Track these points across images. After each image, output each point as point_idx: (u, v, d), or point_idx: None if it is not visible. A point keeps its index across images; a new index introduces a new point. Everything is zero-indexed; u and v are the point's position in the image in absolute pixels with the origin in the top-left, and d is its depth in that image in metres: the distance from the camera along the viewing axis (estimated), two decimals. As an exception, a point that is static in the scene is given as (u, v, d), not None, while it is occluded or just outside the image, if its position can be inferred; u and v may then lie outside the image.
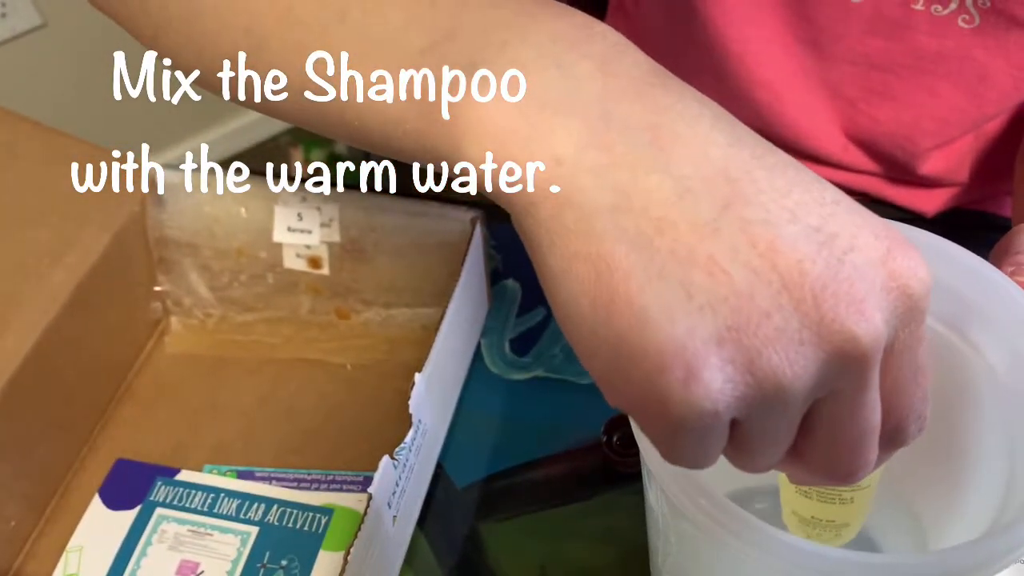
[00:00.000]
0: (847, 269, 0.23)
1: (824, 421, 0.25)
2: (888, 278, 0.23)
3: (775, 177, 0.24)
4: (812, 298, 0.22)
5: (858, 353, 0.23)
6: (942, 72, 0.54)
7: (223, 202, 0.55)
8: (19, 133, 0.54)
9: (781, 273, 0.23)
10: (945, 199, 0.65)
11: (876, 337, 0.23)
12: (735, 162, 0.24)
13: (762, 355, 0.23)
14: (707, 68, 0.58)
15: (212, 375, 0.57)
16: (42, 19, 1.48)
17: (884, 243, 0.23)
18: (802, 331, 0.23)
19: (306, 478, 0.51)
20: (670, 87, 0.25)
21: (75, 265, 0.51)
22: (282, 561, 0.48)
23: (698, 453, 0.25)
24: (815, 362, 0.23)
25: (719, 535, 0.28)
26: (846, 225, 0.23)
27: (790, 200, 0.23)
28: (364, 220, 0.54)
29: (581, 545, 0.49)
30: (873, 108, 0.58)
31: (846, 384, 0.24)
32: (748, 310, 0.23)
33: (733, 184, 0.23)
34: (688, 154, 0.24)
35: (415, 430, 0.45)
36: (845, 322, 0.22)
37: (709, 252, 0.23)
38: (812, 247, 0.23)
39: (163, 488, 0.51)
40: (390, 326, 0.57)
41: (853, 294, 0.23)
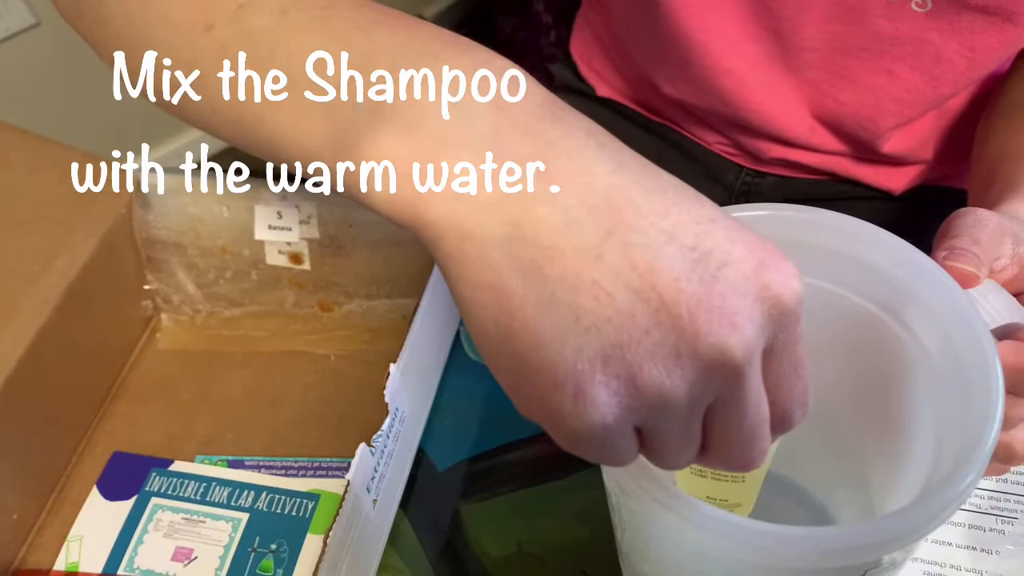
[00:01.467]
0: (720, 285, 0.25)
1: (716, 422, 0.27)
2: (761, 289, 0.25)
3: (654, 200, 0.25)
4: (688, 314, 0.24)
5: (732, 363, 0.25)
6: (899, 55, 0.55)
7: (206, 202, 0.57)
8: (7, 143, 0.56)
9: (659, 292, 0.24)
10: (911, 177, 0.67)
11: (747, 347, 0.25)
12: (617, 189, 0.25)
13: (643, 369, 0.25)
14: (672, 57, 0.60)
15: (202, 369, 0.59)
16: (35, 19, 1.49)
17: (757, 256, 0.25)
18: (679, 345, 0.24)
19: (293, 465, 0.54)
20: (560, 119, 0.27)
21: (66, 268, 0.53)
22: (271, 545, 0.50)
23: (605, 457, 0.27)
24: (693, 372, 0.25)
25: (658, 512, 0.30)
26: (720, 242, 0.25)
27: (668, 222, 0.25)
28: (341, 216, 0.56)
29: (556, 522, 0.51)
30: (836, 90, 0.59)
31: (727, 390, 0.26)
32: (630, 328, 0.24)
33: (615, 211, 0.25)
34: (574, 185, 0.25)
35: (392, 417, 0.47)
36: (719, 335, 0.24)
37: (594, 277, 0.25)
38: (687, 265, 0.25)
39: (158, 479, 0.53)
40: (371, 317, 0.59)
41: (725, 308, 0.24)
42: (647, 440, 0.27)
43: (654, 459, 0.29)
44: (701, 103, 0.63)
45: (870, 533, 0.30)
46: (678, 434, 0.27)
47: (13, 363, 0.49)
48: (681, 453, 0.28)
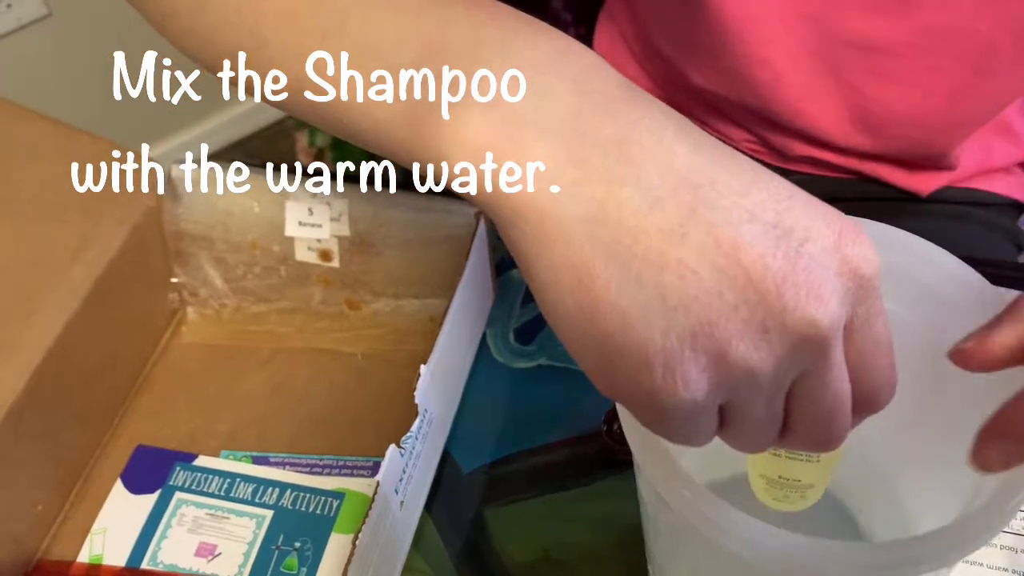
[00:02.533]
0: (804, 260, 0.25)
1: (800, 398, 0.27)
2: (841, 263, 0.25)
3: (733, 179, 0.26)
4: (775, 289, 0.25)
5: (819, 335, 0.25)
6: (945, 47, 0.54)
7: (236, 197, 0.57)
8: (40, 132, 0.56)
9: (746, 269, 0.25)
10: (943, 179, 0.66)
11: (833, 319, 0.25)
12: (698, 169, 0.26)
13: (732, 345, 0.25)
14: (704, 45, 0.59)
15: (227, 364, 0.59)
16: (47, 9, 1.50)
17: (835, 231, 0.26)
18: (767, 320, 0.25)
19: (318, 463, 0.53)
20: (638, 102, 0.27)
21: (94, 260, 0.53)
22: (296, 543, 0.50)
23: (689, 435, 0.28)
24: (780, 347, 0.25)
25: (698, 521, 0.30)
26: (800, 218, 0.25)
27: (748, 200, 0.25)
28: (372, 215, 0.55)
29: (582, 528, 0.50)
30: (879, 93, 0.58)
31: (812, 363, 0.26)
32: (717, 306, 0.25)
33: (696, 190, 0.25)
34: (654, 166, 0.26)
35: (421, 419, 0.47)
36: (806, 309, 0.25)
37: (679, 256, 0.25)
38: (771, 242, 0.25)
39: (182, 473, 0.53)
40: (399, 316, 0.59)
41: (811, 282, 0.25)
42: (730, 420, 0.28)
43: (734, 440, 0.29)
44: (731, 95, 0.62)
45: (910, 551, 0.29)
46: (761, 413, 0.27)
47: (41, 354, 0.49)
48: (763, 433, 0.28)
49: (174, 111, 1.75)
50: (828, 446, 0.29)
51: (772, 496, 0.37)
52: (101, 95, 1.62)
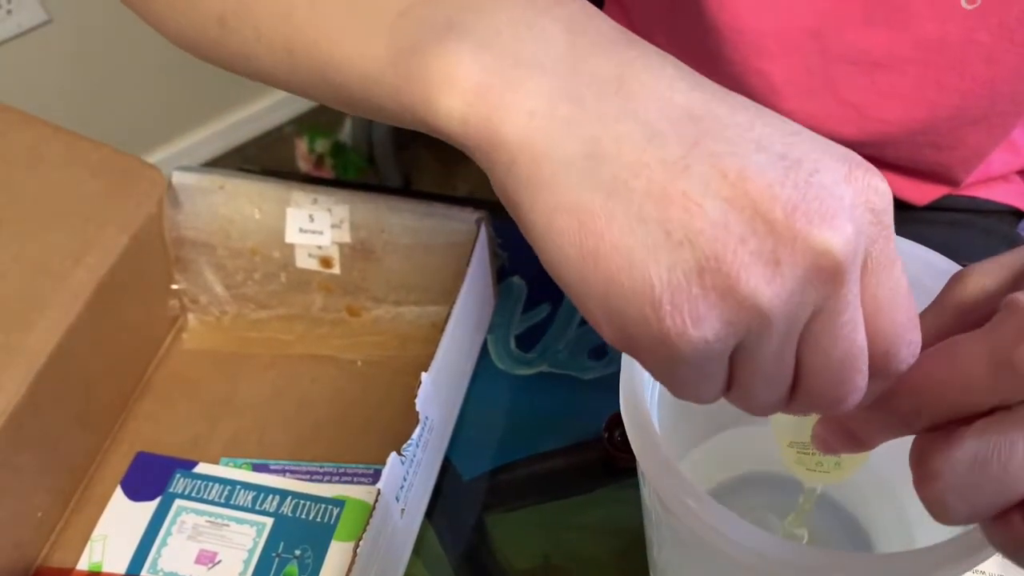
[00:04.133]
0: (815, 189, 0.24)
1: (811, 345, 0.26)
2: (854, 194, 0.25)
3: (737, 113, 0.25)
4: (785, 218, 0.24)
5: (833, 264, 0.24)
6: (945, 63, 0.53)
7: (237, 204, 0.57)
8: (41, 137, 0.56)
9: (753, 199, 0.24)
10: (942, 191, 0.65)
11: (848, 246, 0.24)
12: (698, 103, 0.25)
13: (741, 278, 0.24)
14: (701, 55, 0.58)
15: (228, 370, 0.59)
16: (47, 15, 1.50)
17: (845, 165, 0.25)
18: (777, 250, 0.24)
19: (319, 471, 0.53)
20: (634, 43, 0.27)
21: (95, 265, 0.52)
22: (296, 551, 0.50)
23: (699, 384, 0.27)
24: (792, 279, 0.24)
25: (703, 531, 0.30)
26: (808, 151, 0.25)
27: (754, 132, 0.25)
28: (373, 221, 0.55)
29: (582, 536, 0.50)
30: (881, 108, 0.57)
31: (826, 299, 0.25)
32: (724, 238, 0.24)
33: (699, 123, 0.25)
34: (654, 100, 0.25)
35: (422, 427, 0.47)
36: (819, 236, 0.24)
37: (682, 188, 0.24)
38: (779, 172, 0.24)
39: (182, 480, 0.53)
40: (400, 323, 0.58)
41: (824, 211, 0.24)
42: (738, 370, 0.26)
43: (743, 396, 0.27)
44: None
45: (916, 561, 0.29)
46: (771, 362, 0.26)
47: (43, 359, 0.49)
48: (771, 387, 0.27)
49: (174, 117, 1.75)
50: (839, 405, 0.27)
51: (805, 466, 0.35)
52: (101, 101, 1.62)
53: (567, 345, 0.58)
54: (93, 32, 1.55)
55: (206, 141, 1.81)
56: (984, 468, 0.25)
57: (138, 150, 1.75)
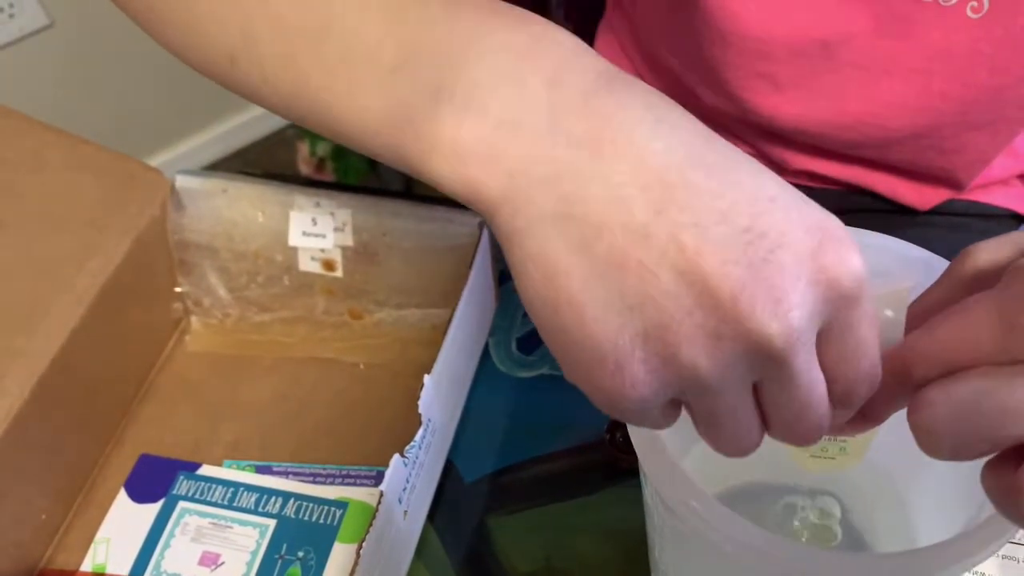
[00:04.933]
0: (770, 268, 0.25)
1: (766, 400, 0.27)
2: (817, 271, 0.25)
3: (711, 178, 0.25)
4: (731, 298, 0.24)
5: (773, 349, 0.25)
6: (949, 72, 0.53)
7: (240, 207, 0.57)
8: (44, 142, 0.56)
9: (704, 274, 0.25)
10: (945, 195, 0.66)
11: (789, 334, 0.25)
12: (672, 167, 0.25)
13: (682, 349, 0.25)
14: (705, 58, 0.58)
15: (231, 373, 0.59)
16: (49, 19, 1.50)
17: (815, 237, 0.25)
18: (719, 328, 0.25)
19: (321, 472, 0.54)
20: (615, 92, 0.27)
21: (99, 269, 0.53)
22: (299, 552, 0.50)
23: (645, 423, 0.29)
24: (733, 355, 0.25)
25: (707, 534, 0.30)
26: (777, 222, 0.25)
27: (723, 201, 0.25)
28: (376, 224, 0.56)
29: (585, 538, 0.51)
30: (887, 116, 0.57)
31: (772, 373, 0.26)
32: (672, 309, 0.25)
33: (667, 189, 0.25)
34: (626, 163, 0.26)
35: (424, 429, 0.47)
36: (760, 321, 0.24)
37: (639, 256, 0.25)
38: (738, 248, 0.25)
39: (185, 482, 0.53)
40: (402, 326, 0.59)
41: (772, 293, 0.24)
42: (699, 420, 0.28)
43: (714, 441, 0.29)
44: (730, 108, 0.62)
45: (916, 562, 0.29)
46: (729, 416, 0.27)
47: (46, 363, 0.49)
48: (739, 435, 0.28)
49: (176, 121, 1.76)
50: (805, 442, 0.29)
51: (809, 453, 0.35)
52: (103, 105, 1.63)
53: (569, 348, 0.58)
54: (94, 36, 1.55)
55: (208, 145, 1.81)
56: (981, 403, 0.26)
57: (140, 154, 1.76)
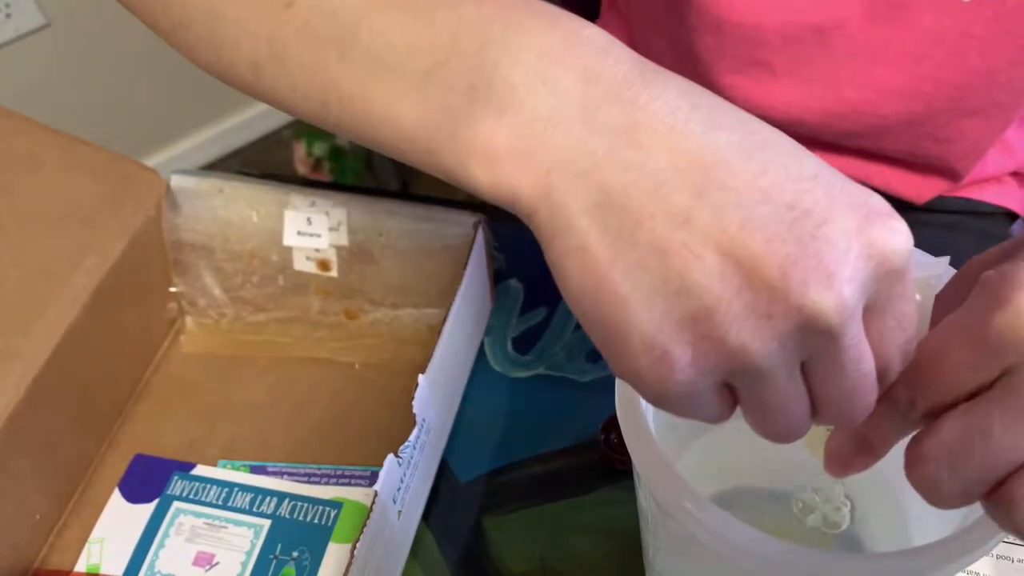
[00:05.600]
0: (818, 243, 0.24)
1: (818, 379, 0.27)
2: (866, 246, 0.25)
3: (751, 159, 0.25)
4: (780, 276, 0.24)
5: (825, 324, 0.24)
6: (941, 57, 0.54)
7: (236, 207, 0.57)
8: (40, 142, 0.56)
9: (752, 253, 0.24)
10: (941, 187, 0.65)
11: (843, 308, 0.24)
12: (710, 149, 0.25)
13: (732, 331, 0.25)
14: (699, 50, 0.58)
15: (226, 373, 0.59)
16: (45, 19, 1.50)
17: (861, 213, 0.25)
18: (771, 307, 0.24)
19: (316, 473, 0.53)
20: (650, 83, 0.27)
21: (94, 269, 0.53)
22: (293, 553, 0.50)
23: (693, 414, 0.28)
24: (784, 334, 0.25)
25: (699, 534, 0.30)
26: (820, 200, 0.25)
27: (764, 180, 0.25)
28: (371, 224, 0.56)
29: (579, 538, 0.51)
30: (882, 104, 0.57)
31: (822, 349, 0.26)
32: (719, 291, 0.25)
33: (707, 171, 0.25)
34: (664, 149, 0.26)
35: (419, 429, 0.47)
36: (813, 297, 0.24)
37: (683, 239, 0.25)
38: (783, 225, 0.24)
39: (180, 482, 0.53)
40: (397, 326, 0.59)
41: (822, 268, 0.24)
42: (746, 404, 0.27)
43: (761, 426, 0.28)
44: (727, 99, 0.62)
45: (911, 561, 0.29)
46: (778, 397, 0.27)
47: (41, 363, 0.49)
48: (787, 418, 0.28)
49: (172, 120, 1.76)
50: (857, 418, 0.28)
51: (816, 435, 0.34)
52: (100, 105, 1.62)
53: (564, 348, 0.58)
54: (91, 36, 1.55)
55: (204, 145, 1.81)
56: (967, 446, 0.26)
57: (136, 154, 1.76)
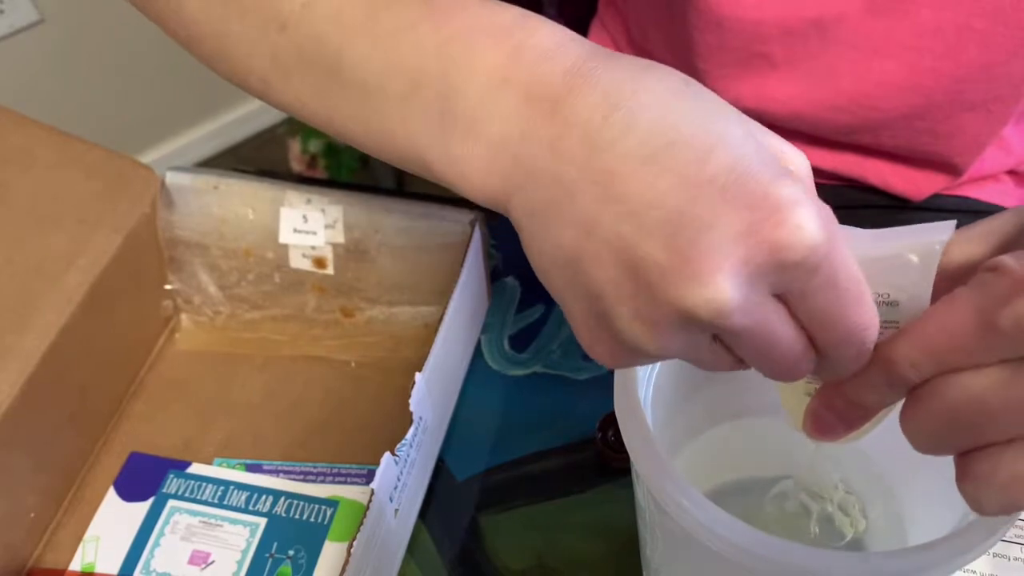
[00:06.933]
0: (699, 248, 0.26)
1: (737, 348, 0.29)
2: (753, 246, 0.25)
3: (651, 164, 0.27)
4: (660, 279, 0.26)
5: (701, 322, 0.26)
6: (940, 51, 0.53)
7: (231, 204, 0.57)
8: (34, 139, 0.56)
9: (638, 260, 0.27)
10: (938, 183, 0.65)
11: (718, 306, 0.26)
12: (619, 156, 0.27)
13: (626, 332, 0.28)
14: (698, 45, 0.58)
15: (221, 371, 0.59)
16: (39, 15, 1.49)
17: (753, 213, 0.25)
18: (654, 311, 0.27)
19: (312, 471, 0.53)
20: (576, 90, 0.29)
21: (89, 267, 0.52)
22: (289, 551, 0.50)
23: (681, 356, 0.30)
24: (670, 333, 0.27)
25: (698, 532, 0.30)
26: (711, 204, 0.26)
27: (660, 185, 0.26)
28: (367, 222, 0.55)
29: (576, 536, 0.51)
30: (881, 97, 0.57)
31: (724, 336, 0.28)
32: (615, 296, 0.28)
33: (609, 181, 0.27)
34: (577, 160, 0.28)
35: (415, 427, 0.47)
36: (689, 299, 0.26)
37: (591, 248, 0.28)
38: (669, 232, 0.26)
39: (175, 481, 0.53)
40: (393, 324, 0.58)
41: (699, 271, 0.26)
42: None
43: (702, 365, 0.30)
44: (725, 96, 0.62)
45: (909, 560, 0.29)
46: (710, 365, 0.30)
47: (35, 361, 0.48)
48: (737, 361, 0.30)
49: (167, 117, 1.75)
50: (787, 378, 0.29)
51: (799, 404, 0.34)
52: (94, 101, 1.62)
53: (561, 345, 0.58)
54: (86, 32, 1.55)
55: (200, 141, 1.81)
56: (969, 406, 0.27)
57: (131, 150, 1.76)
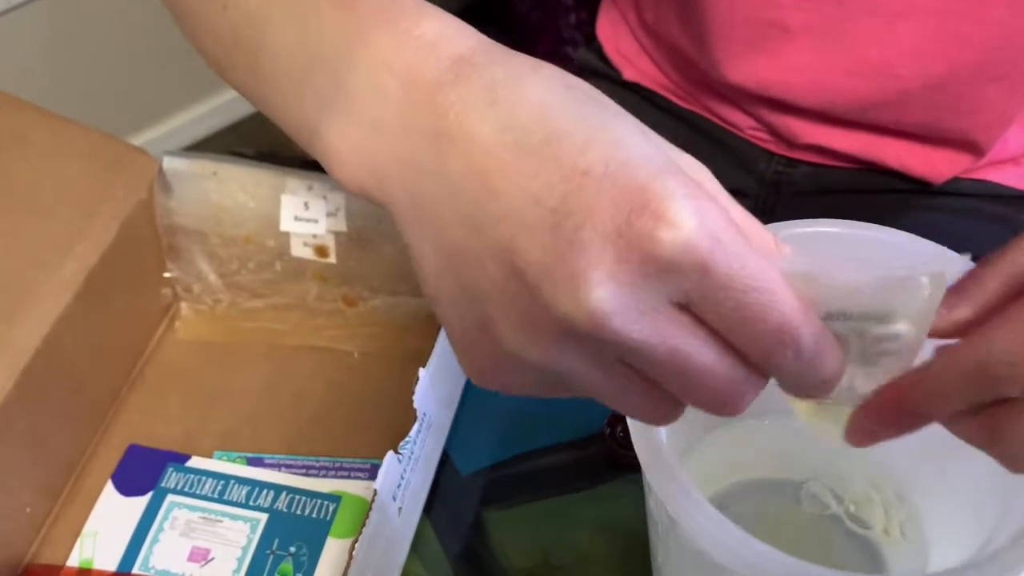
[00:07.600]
0: (573, 249, 0.24)
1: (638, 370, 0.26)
2: (625, 246, 0.24)
3: (527, 159, 0.25)
4: (536, 285, 0.25)
5: (583, 328, 0.24)
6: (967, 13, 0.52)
7: (230, 190, 0.55)
8: (29, 123, 0.54)
9: (517, 264, 0.25)
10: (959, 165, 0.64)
11: (593, 316, 0.24)
12: (492, 154, 0.26)
13: (508, 339, 0.26)
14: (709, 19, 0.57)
15: (221, 361, 0.58)
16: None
17: (626, 209, 0.24)
18: (535, 315, 0.25)
19: (314, 465, 0.52)
20: (461, 80, 0.27)
21: (86, 254, 0.51)
22: (291, 548, 0.49)
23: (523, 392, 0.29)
24: (552, 341, 0.25)
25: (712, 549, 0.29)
26: (585, 198, 0.24)
27: (537, 182, 0.25)
28: (370, 209, 0.54)
29: (583, 533, 0.50)
30: (901, 64, 0.56)
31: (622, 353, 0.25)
32: (498, 300, 0.26)
33: (488, 178, 0.25)
34: (457, 156, 0.26)
35: (419, 423, 0.46)
36: (565, 305, 0.24)
37: (474, 248, 0.26)
38: (546, 231, 0.24)
39: (174, 475, 0.52)
40: (396, 314, 0.57)
41: (573, 274, 0.24)
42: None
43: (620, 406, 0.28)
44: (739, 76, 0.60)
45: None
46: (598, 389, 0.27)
47: (31, 352, 0.47)
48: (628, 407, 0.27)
49: (167, 95, 1.73)
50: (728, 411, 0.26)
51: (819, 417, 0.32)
52: (91, 78, 1.60)
53: (568, 337, 0.57)
54: (79, 9, 1.53)
55: (200, 119, 1.79)
56: None
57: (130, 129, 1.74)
